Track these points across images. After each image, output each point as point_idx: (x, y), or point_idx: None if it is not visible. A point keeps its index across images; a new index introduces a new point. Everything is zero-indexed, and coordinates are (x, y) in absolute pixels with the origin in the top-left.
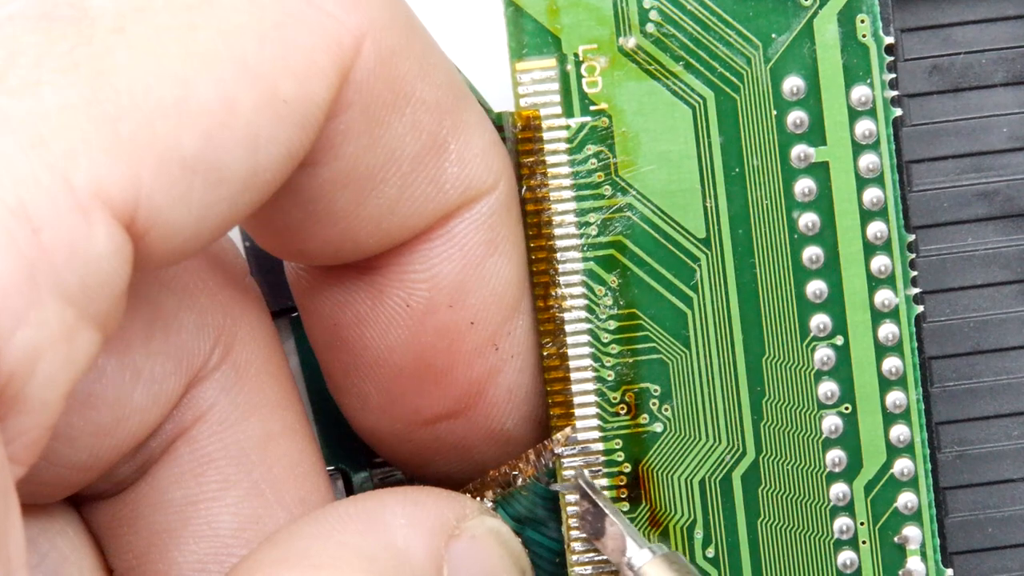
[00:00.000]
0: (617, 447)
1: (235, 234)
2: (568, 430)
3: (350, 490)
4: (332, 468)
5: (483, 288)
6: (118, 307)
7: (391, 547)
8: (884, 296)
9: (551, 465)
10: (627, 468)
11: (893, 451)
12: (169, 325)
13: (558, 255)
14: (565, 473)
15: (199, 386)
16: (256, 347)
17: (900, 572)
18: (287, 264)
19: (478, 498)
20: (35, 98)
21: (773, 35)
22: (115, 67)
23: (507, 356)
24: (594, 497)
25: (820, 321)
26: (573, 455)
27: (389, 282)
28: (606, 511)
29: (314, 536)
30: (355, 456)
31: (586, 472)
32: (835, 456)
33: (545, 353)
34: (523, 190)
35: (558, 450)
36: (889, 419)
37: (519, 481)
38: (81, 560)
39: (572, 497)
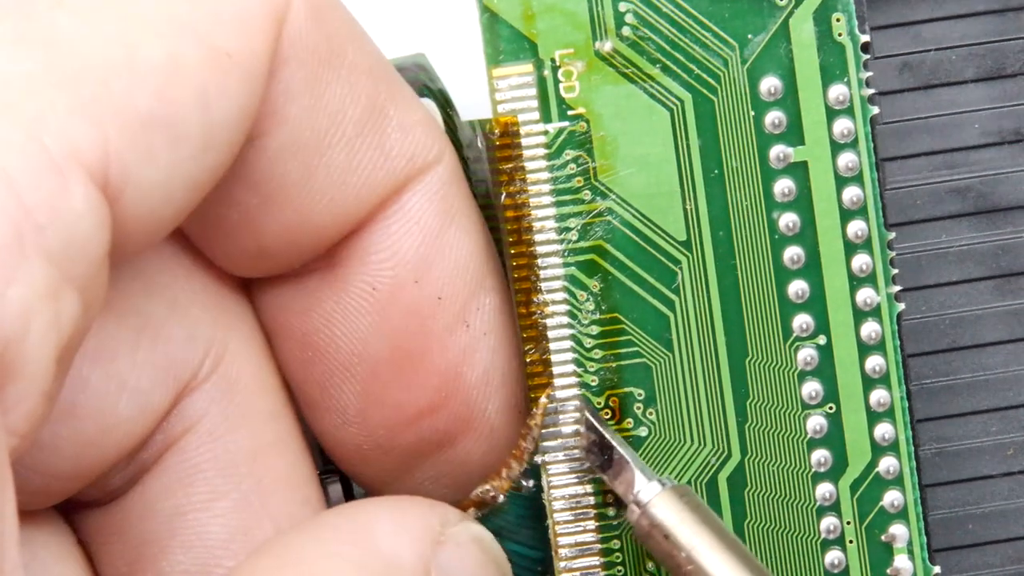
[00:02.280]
0: None
1: None
2: (545, 400)
3: (349, 492)
4: (330, 471)
5: (445, 260)
6: (99, 275)
7: (380, 555)
8: (866, 295)
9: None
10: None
11: (878, 450)
12: (157, 335)
13: (539, 261)
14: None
15: (189, 397)
16: (247, 358)
17: (888, 570)
18: (256, 302)
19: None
20: (1, 63)
21: (749, 36)
22: (61, 36)
23: (479, 334)
24: (601, 429)
25: (803, 321)
26: (558, 460)
27: (352, 271)
28: (613, 443)
29: (303, 544)
30: None
31: (591, 406)
32: (820, 456)
33: (528, 360)
34: (503, 196)
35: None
36: (873, 418)
37: (499, 499)
38: (64, 571)
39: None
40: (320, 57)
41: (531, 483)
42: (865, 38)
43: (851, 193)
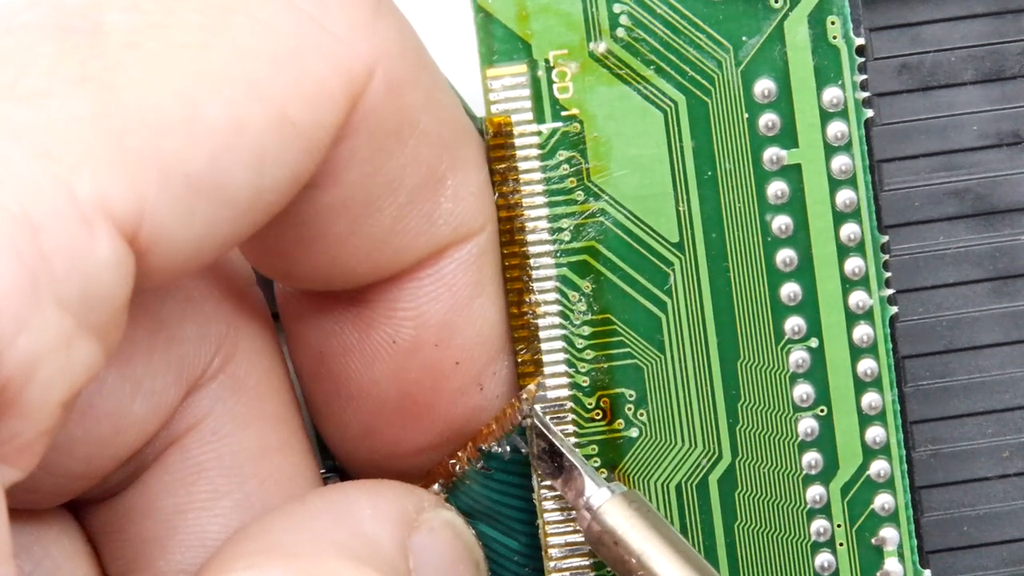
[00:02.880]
0: (593, 452)
1: None
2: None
3: None
4: (330, 469)
5: (470, 329)
6: (119, 320)
7: (361, 536)
8: (858, 298)
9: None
10: (604, 473)
11: (869, 453)
12: (172, 337)
13: (531, 261)
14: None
15: (196, 394)
16: (257, 359)
17: (878, 573)
18: (277, 288)
19: (429, 488)
20: (43, 108)
21: (744, 38)
22: (125, 82)
23: (491, 396)
24: (550, 437)
25: (795, 324)
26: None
27: (377, 316)
28: (562, 450)
29: (287, 528)
30: None
31: (540, 411)
32: (811, 458)
33: (519, 360)
34: (496, 196)
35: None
36: (865, 421)
37: (458, 469)
38: (75, 569)
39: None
40: (389, 130)
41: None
42: (860, 41)
43: (844, 196)
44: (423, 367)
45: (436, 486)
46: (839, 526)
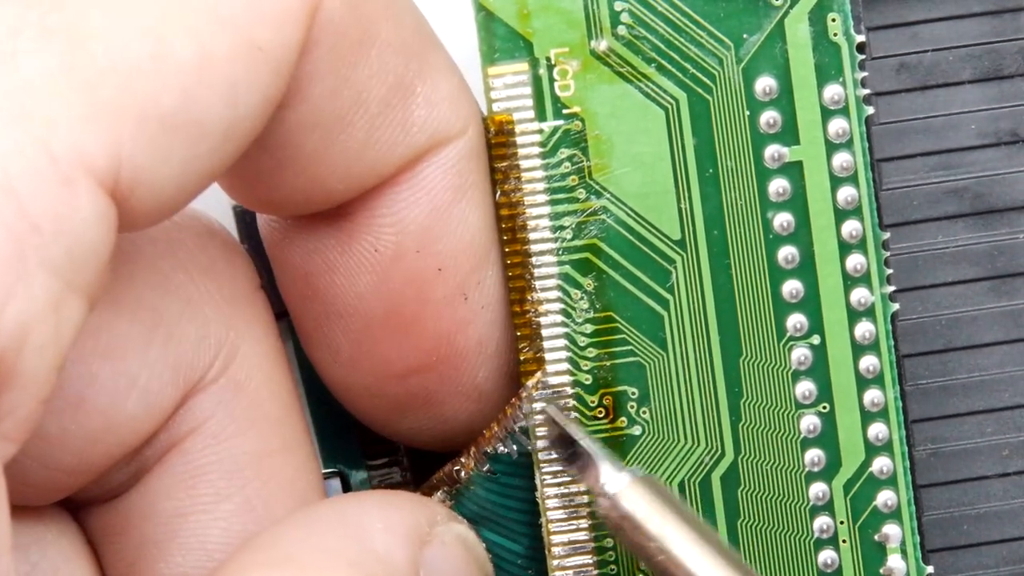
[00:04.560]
0: None
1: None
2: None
3: (348, 491)
4: (330, 470)
5: (450, 234)
6: (104, 274)
7: (372, 550)
8: (860, 295)
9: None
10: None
11: (872, 449)
12: (170, 334)
13: (533, 259)
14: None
15: (196, 397)
16: (259, 361)
17: (881, 570)
18: (259, 218)
19: (432, 497)
20: (12, 68)
21: (744, 35)
22: (89, 31)
23: (477, 307)
24: (564, 425)
25: (796, 321)
26: (551, 459)
27: (357, 227)
28: (576, 437)
29: (297, 540)
30: (353, 457)
31: (550, 399)
32: (814, 455)
33: (522, 358)
34: (497, 195)
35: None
36: (867, 417)
37: (463, 475)
38: (74, 571)
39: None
40: (350, 40)
41: (487, 467)
42: (861, 38)
43: (846, 193)
44: (406, 276)
45: (440, 493)
46: (842, 523)
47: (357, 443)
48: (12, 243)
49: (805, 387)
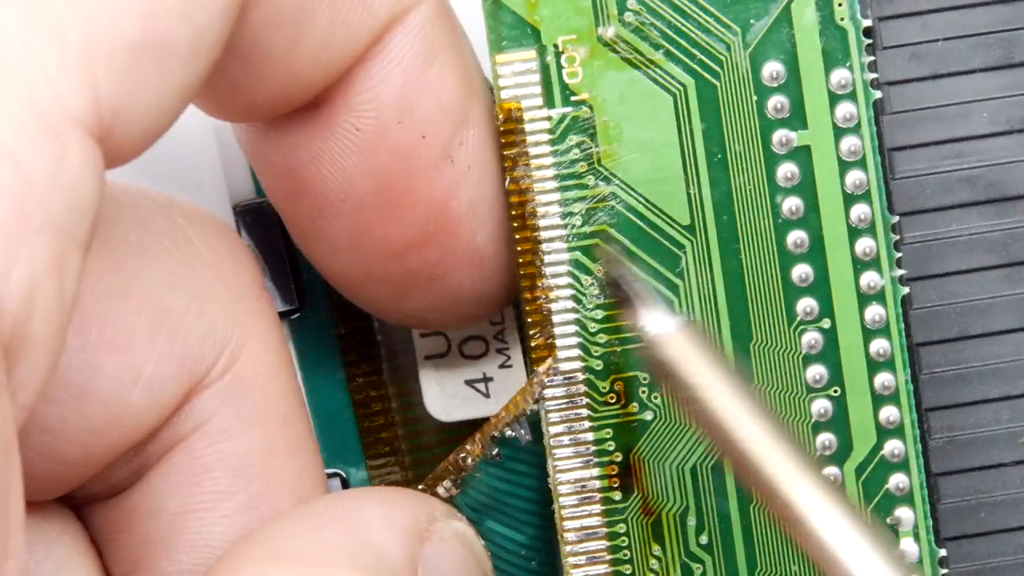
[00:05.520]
0: (607, 436)
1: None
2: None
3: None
4: (330, 472)
5: (428, 100)
6: (95, 220)
7: (371, 546)
8: (869, 278)
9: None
10: (618, 457)
11: (883, 432)
12: (175, 329)
13: (543, 246)
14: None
15: (201, 395)
16: (264, 359)
17: (888, 519)
18: (235, 129)
19: (437, 487)
20: None
21: (751, 21)
22: None
23: (464, 167)
24: (619, 261)
25: (807, 305)
26: (563, 445)
27: (336, 111)
28: (630, 277)
29: (296, 535)
30: (353, 456)
31: (609, 237)
32: (825, 439)
33: (533, 344)
34: (507, 181)
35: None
36: (878, 401)
37: (468, 461)
38: (77, 569)
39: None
40: None
41: (495, 451)
42: (867, 22)
43: (854, 177)
44: (391, 149)
45: (446, 483)
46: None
47: (357, 442)
48: (13, 205)
49: (816, 371)
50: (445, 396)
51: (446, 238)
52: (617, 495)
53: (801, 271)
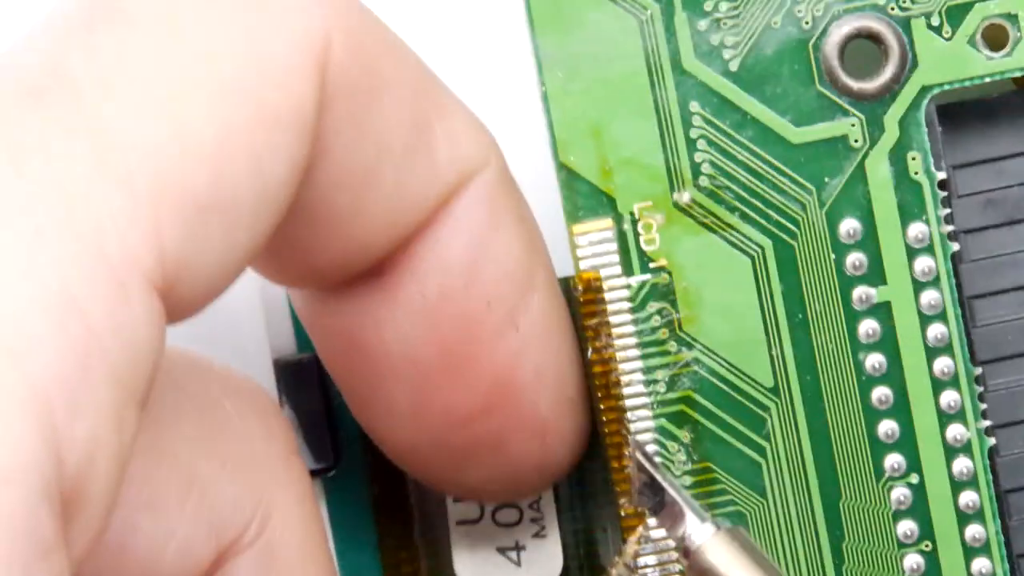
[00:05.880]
0: None
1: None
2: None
3: None
4: None
5: (493, 266)
6: (154, 376)
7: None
8: (956, 431)
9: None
10: None
11: None
12: (206, 491)
13: (628, 415)
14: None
15: (232, 560)
16: (294, 526)
17: None
18: (293, 296)
19: None
20: (50, 174)
21: (826, 179)
22: (112, 124)
23: (529, 335)
24: (650, 469)
25: (894, 460)
26: None
27: (400, 277)
28: (664, 484)
29: None
30: None
31: (641, 444)
32: None
33: (623, 512)
34: (589, 352)
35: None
36: (970, 553)
37: None
38: None
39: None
40: (362, 87)
41: None
42: (942, 175)
43: (935, 331)
44: (456, 316)
45: None
46: None
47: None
48: (77, 358)
49: (906, 526)
50: (476, 562)
51: (510, 407)
52: None
53: (887, 427)
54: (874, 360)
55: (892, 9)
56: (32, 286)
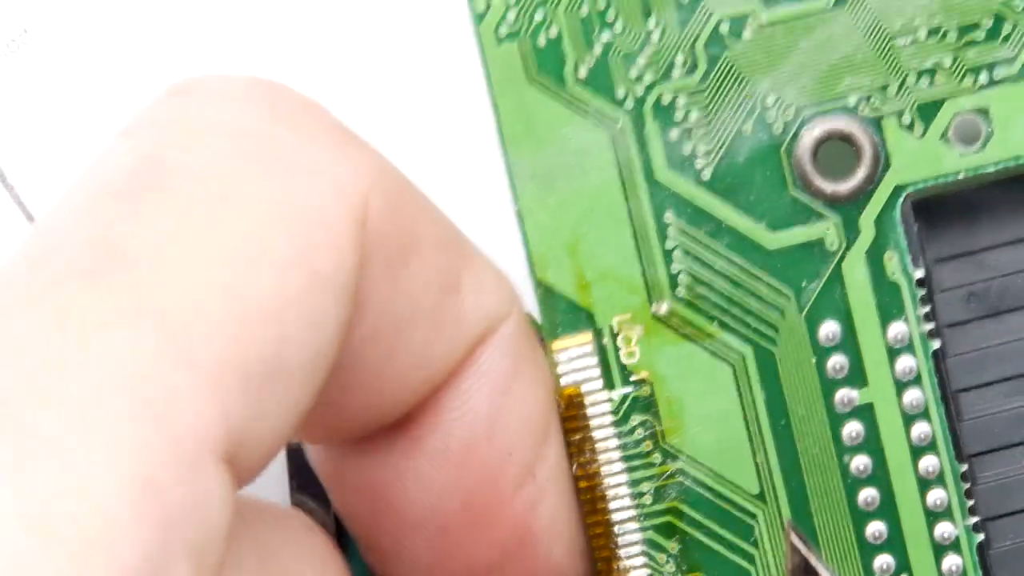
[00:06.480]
0: None
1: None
2: None
3: None
4: None
5: (515, 415)
6: (227, 545)
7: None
8: (944, 529)
9: None
10: None
11: None
12: None
13: (615, 528)
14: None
15: None
16: None
17: None
18: (309, 451)
19: None
20: (116, 357)
21: (804, 283)
22: (170, 300)
23: (545, 484)
24: (806, 553)
25: (883, 562)
26: None
27: (424, 429)
28: (818, 568)
29: None
30: None
31: (795, 525)
32: None
33: None
34: (574, 467)
35: None
36: None
37: None
38: None
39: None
40: (398, 245)
41: None
42: (920, 273)
43: (919, 430)
44: (479, 465)
45: None
46: None
47: None
48: (156, 540)
49: None
50: None
51: (526, 556)
52: None
53: (875, 528)
54: (859, 462)
55: (863, 109)
56: (111, 471)
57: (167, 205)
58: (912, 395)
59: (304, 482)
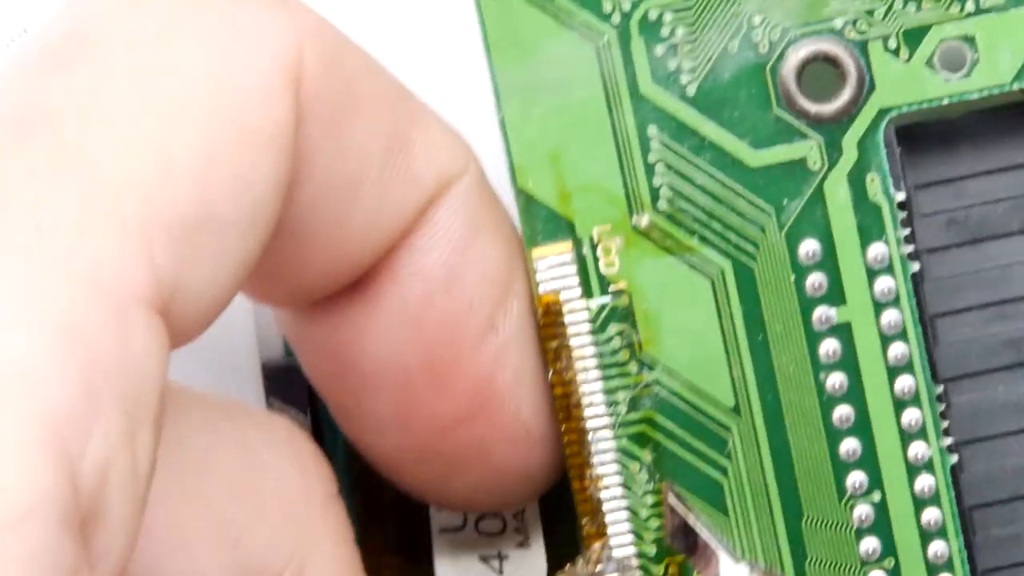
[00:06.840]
0: None
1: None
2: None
3: None
4: None
5: (473, 270)
6: (163, 396)
7: None
8: (917, 449)
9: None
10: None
11: None
12: (239, 539)
13: (590, 436)
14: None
15: None
16: (331, 571)
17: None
18: (277, 314)
19: None
20: (41, 211)
21: (785, 201)
22: (97, 155)
23: (507, 337)
24: (683, 511)
25: (856, 479)
26: None
27: (382, 285)
28: (696, 526)
29: None
30: None
31: (674, 486)
32: None
33: (584, 533)
34: (550, 374)
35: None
36: (933, 570)
37: None
38: None
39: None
40: (339, 103)
41: None
42: (901, 196)
43: (896, 350)
44: (438, 320)
45: None
46: None
47: None
48: (84, 385)
49: (868, 544)
50: (457, 570)
51: (492, 411)
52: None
53: (848, 446)
54: (835, 380)
55: (849, 32)
56: (34, 323)
57: (95, 67)
58: (890, 316)
59: (281, 396)
